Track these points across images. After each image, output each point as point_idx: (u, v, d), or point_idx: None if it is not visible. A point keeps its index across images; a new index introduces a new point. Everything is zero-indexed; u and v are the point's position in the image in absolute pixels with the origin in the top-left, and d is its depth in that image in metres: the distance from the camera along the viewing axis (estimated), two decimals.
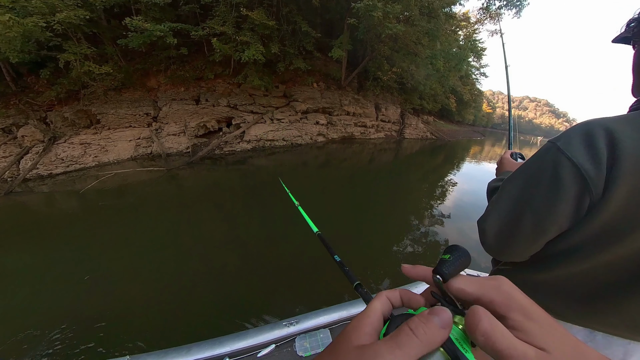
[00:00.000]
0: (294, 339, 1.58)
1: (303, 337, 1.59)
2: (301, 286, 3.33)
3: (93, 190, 6.63)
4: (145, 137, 10.45)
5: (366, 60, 12.76)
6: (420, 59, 12.27)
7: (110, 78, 9.75)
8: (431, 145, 19.15)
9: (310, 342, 1.55)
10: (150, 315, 2.74)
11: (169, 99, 11.02)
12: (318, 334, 1.60)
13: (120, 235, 4.38)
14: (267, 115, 11.01)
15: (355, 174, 9.17)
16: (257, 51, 8.69)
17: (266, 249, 4.08)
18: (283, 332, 1.59)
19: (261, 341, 1.53)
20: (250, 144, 10.45)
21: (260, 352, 1.49)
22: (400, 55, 12.10)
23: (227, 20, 8.93)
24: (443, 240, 4.75)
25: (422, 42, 11.14)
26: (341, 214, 5.54)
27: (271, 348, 1.51)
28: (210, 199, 6.26)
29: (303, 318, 1.68)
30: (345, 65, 12.88)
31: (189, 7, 9.46)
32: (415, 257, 4.23)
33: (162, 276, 3.38)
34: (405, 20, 10.47)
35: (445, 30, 11.93)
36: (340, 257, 0.97)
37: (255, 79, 9.89)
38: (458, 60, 13.19)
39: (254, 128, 10.57)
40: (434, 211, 6.19)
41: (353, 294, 2.41)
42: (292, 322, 1.64)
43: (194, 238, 4.37)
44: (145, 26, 8.08)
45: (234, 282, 3.33)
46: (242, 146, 10.26)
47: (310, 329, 1.63)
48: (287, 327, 1.61)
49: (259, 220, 5.10)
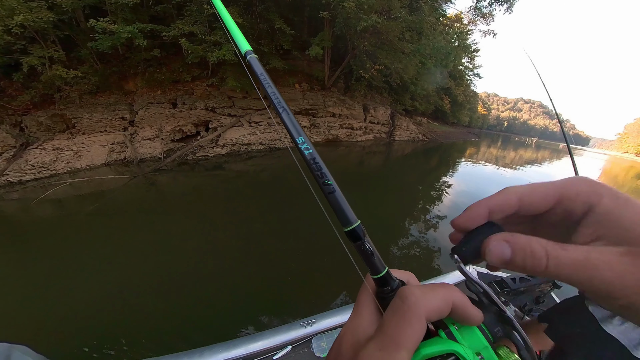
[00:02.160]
0: (311, 340, 1.54)
1: (320, 337, 1.55)
2: (317, 285, 3.36)
3: (53, 200, 6.26)
4: (119, 142, 10.11)
5: (348, 58, 12.31)
6: (403, 55, 11.82)
7: (84, 82, 9.48)
8: (423, 147, 18.87)
9: (328, 342, 1.52)
10: (161, 321, 2.76)
11: (145, 102, 10.67)
12: (335, 334, 1.56)
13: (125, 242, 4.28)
14: (244, 118, 10.62)
15: (345, 178, 8.88)
16: (228, 51, 8.34)
17: (278, 250, 4.11)
18: (300, 333, 1.55)
19: (277, 342, 1.50)
20: (225, 149, 10.01)
21: (277, 354, 1.45)
22: (383, 51, 11.69)
23: (198, 20, 8.59)
24: (443, 240, 4.77)
25: (405, 37, 10.70)
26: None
27: (287, 349, 1.47)
28: (197, 205, 6.02)
29: (320, 317, 1.65)
30: (328, 64, 12.50)
31: (162, 7, 9.14)
32: (413, 259, 4.19)
33: (165, 281, 3.35)
34: (385, 13, 10.05)
35: (429, 23, 11.38)
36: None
37: (231, 81, 9.54)
38: (444, 54, 12.49)
39: (229, 132, 10.16)
40: (429, 213, 6.18)
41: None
42: (309, 322, 1.61)
43: (203, 242, 4.36)
44: (111, 28, 7.76)
45: (247, 283, 3.36)
46: (217, 151, 9.82)
47: (327, 329, 1.59)
48: (304, 328, 1.58)
49: (273, 220, 5.12)
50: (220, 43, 8.56)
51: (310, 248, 4.22)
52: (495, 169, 14.68)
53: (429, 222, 5.83)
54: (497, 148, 31.93)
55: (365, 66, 11.90)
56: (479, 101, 69.50)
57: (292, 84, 12.00)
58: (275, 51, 10.38)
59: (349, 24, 9.23)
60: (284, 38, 10.08)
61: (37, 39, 8.49)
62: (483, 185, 10.14)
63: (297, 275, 3.58)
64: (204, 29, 8.56)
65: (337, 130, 13.79)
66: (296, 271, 3.68)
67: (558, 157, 34.48)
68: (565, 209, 0.24)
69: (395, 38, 10.44)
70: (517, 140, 74.61)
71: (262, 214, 5.55)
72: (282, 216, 5.44)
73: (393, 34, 10.20)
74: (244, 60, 0.41)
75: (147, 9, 9.53)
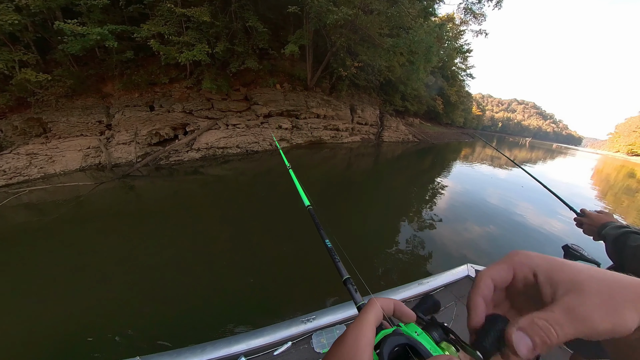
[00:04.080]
0: (311, 336, 1.57)
1: (320, 333, 1.58)
2: (317, 283, 3.36)
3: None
4: (94, 146, 9.87)
5: (328, 56, 11.97)
6: (383, 50, 11.50)
7: (59, 84, 9.30)
8: (414, 149, 18.62)
9: (327, 338, 1.55)
10: (165, 316, 2.78)
11: (122, 105, 10.45)
12: (335, 330, 1.60)
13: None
14: (222, 120, 10.36)
15: (330, 181, 8.77)
16: (200, 52, 8.13)
17: (267, 252, 4.13)
18: (300, 329, 1.58)
19: (277, 338, 1.52)
20: (199, 153, 9.69)
21: (277, 349, 1.47)
22: (363, 48, 11.43)
23: (169, 20, 8.38)
24: (440, 242, 4.87)
25: (385, 32, 10.40)
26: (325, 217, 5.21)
27: (288, 345, 1.50)
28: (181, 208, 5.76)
29: (320, 314, 1.67)
30: (310, 63, 12.23)
31: (134, 7, 8.94)
32: (411, 262, 4.20)
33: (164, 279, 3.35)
34: (363, 6, 9.75)
35: (410, 16, 11.01)
36: (333, 243, 0.91)
37: (206, 82, 9.31)
38: (426, 48, 11.88)
39: (205, 135, 9.86)
40: (425, 216, 6.21)
41: (371, 289, 2.25)
42: (309, 319, 1.63)
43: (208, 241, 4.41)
44: (78, 30, 7.55)
45: (247, 280, 3.38)
46: (191, 155, 9.50)
47: (327, 325, 1.62)
48: (304, 324, 1.60)
49: (257, 223, 5.10)
50: (190, 43, 8.35)
51: (300, 249, 4.20)
52: (492, 169, 14.57)
53: (420, 225, 5.77)
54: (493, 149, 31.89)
55: (345, 64, 11.60)
56: (473, 102, 69.93)
57: (273, 84, 11.74)
58: (252, 51, 10.13)
59: (321, 18, 8.96)
60: (259, 37, 9.83)
61: (6, 42, 8.31)
62: (479, 185, 10.04)
63: (286, 278, 3.57)
64: (174, 29, 8.34)
65: (320, 132, 13.46)
66: (285, 273, 3.67)
67: (552, 156, 34.59)
68: (522, 277, 0.31)
69: (376, 34, 10.16)
70: (511, 140, 75.11)
71: (246, 217, 5.44)
72: (266, 219, 5.34)
73: (373, 30, 9.95)
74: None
75: (120, 10, 9.32)
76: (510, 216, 6.88)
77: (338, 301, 1.85)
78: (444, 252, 4.59)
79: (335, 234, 4.14)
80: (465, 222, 6.16)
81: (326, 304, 3.03)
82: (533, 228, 6.27)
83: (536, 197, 9.23)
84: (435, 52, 12.31)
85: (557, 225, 6.70)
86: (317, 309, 1.72)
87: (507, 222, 6.47)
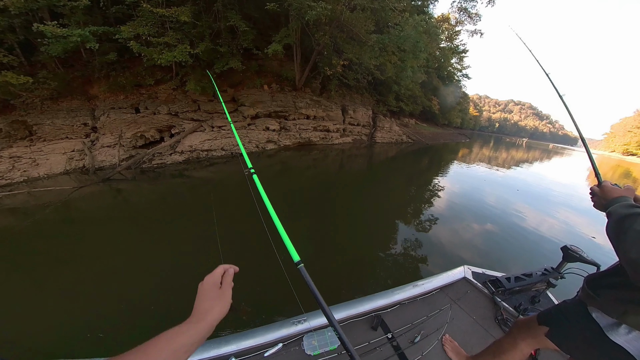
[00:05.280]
0: (302, 338, 1.55)
1: (311, 335, 1.56)
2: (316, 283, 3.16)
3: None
4: (78, 149, 9.75)
5: (314, 55, 11.67)
6: (368, 47, 11.15)
7: (43, 87, 9.19)
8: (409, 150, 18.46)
9: (319, 341, 1.54)
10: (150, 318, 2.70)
11: (107, 107, 10.30)
12: (326, 332, 1.59)
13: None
14: (207, 122, 10.22)
15: (319, 184, 8.67)
16: (181, 53, 8.01)
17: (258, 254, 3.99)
18: (291, 330, 1.56)
19: (268, 340, 1.50)
20: (182, 155, 9.49)
21: (267, 351, 1.45)
22: (349, 46, 11.14)
23: (151, 21, 8.26)
24: (438, 242, 4.85)
25: (370, 28, 10.15)
26: (315, 224, 5.29)
27: (278, 347, 1.48)
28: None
29: (311, 316, 1.65)
30: (298, 63, 11.99)
31: (116, 8, 8.82)
32: (407, 264, 4.16)
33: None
34: (347, 3, 9.47)
35: (396, 11, 10.73)
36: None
37: (190, 84, 9.19)
38: (413, 44, 11.40)
39: (190, 137, 9.65)
40: (418, 218, 6.17)
41: (365, 291, 2.47)
42: (300, 320, 1.61)
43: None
44: (57, 32, 7.43)
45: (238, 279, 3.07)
46: (174, 158, 9.31)
47: (318, 327, 1.61)
48: (295, 325, 1.58)
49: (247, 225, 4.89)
50: (170, 44, 8.22)
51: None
52: (488, 169, 14.48)
53: (420, 225, 5.75)
54: (489, 149, 31.91)
55: (331, 62, 11.41)
56: (470, 103, 70.07)
57: (261, 85, 11.56)
58: (236, 51, 9.95)
59: (301, 14, 8.76)
60: (244, 36, 9.63)
61: None
62: (474, 186, 9.90)
63: (278, 280, 3.43)
64: (155, 30, 8.21)
65: (309, 133, 13.25)
66: (277, 275, 3.52)
67: (549, 156, 34.65)
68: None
69: (362, 31, 9.94)
70: (508, 140, 75.27)
71: (235, 219, 5.31)
72: (257, 221, 5.15)
73: (359, 27, 9.75)
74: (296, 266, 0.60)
75: (102, 11, 9.19)
76: (507, 217, 6.80)
77: (329, 303, 1.74)
78: (440, 253, 4.55)
79: (324, 238, 4.11)
80: (462, 222, 6.14)
81: (317, 306, 2.89)
82: (530, 230, 6.18)
83: (535, 198, 9.22)
84: (422, 47, 11.92)
85: (556, 226, 6.67)
86: (308, 310, 1.65)
87: (504, 223, 6.37)
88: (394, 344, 1.65)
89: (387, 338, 1.68)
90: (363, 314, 1.79)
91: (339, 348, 1.54)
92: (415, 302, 1.98)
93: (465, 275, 2.29)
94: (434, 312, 1.92)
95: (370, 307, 1.82)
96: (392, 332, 1.72)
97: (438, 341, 1.72)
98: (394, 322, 1.79)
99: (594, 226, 7.01)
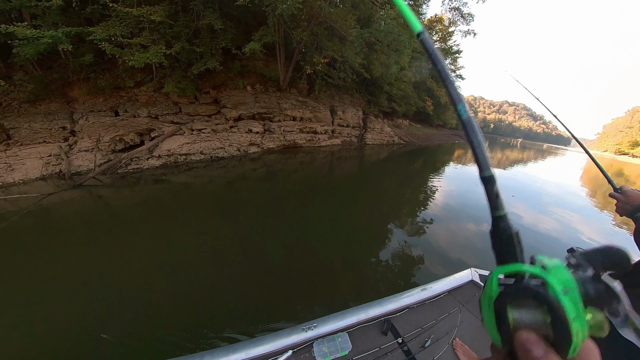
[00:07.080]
0: (312, 344, 1.54)
1: (321, 341, 1.55)
2: (317, 289, 3.29)
3: None
4: (55, 154, 9.49)
5: (296, 53, 11.34)
6: (349, 43, 10.79)
7: (19, 89, 8.94)
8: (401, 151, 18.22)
9: (329, 347, 1.51)
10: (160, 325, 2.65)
11: (86, 110, 10.04)
12: (336, 338, 1.58)
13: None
14: (187, 125, 9.98)
15: (311, 187, 8.52)
16: (156, 54, 7.79)
17: (276, 253, 4.08)
18: (301, 337, 1.54)
19: (278, 347, 1.48)
20: (160, 160, 9.18)
21: (277, 358, 1.42)
22: (331, 43, 10.86)
23: (125, 21, 8.04)
24: (437, 243, 4.85)
25: (350, 24, 9.89)
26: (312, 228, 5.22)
27: (288, 354, 1.44)
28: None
29: (321, 322, 1.64)
30: (281, 63, 11.67)
31: (91, 8, 8.60)
32: (406, 267, 4.10)
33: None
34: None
35: (375, 4, 10.53)
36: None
37: (169, 86, 8.97)
38: (393, 38, 10.83)
39: (168, 141, 9.32)
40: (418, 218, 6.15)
41: (370, 297, 2.30)
42: (310, 327, 1.60)
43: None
44: (27, 33, 7.20)
45: (246, 287, 3.27)
46: (151, 163, 9.01)
47: (328, 333, 1.60)
48: (305, 332, 1.57)
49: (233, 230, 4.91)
50: (143, 44, 7.99)
51: (292, 256, 4.08)
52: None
53: (421, 227, 5.70)
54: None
55: (313, 60, 11.15)
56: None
57: (243, 86, 11.26)
58: (215, 51, 9.66)
59: (273, 9, 8.48)
60: (222, 35, 9.33)
61: None
62: (469, 188, 9.79)
63: (281, 286, 3.40)
64: (128, 30, 7.98)
65: (294, 135, 12.90)
66: (279, 280, 3.50)
67: (543, 156, 34.80)
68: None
69: (343, 26, 9.70)
70: (503, 141, 75.85)
71: (221, 225, 5.21)
72: (249, 226, 5.16)
73: (341, 22, 9.51)
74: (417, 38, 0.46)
75: (76, 12, 8.96)
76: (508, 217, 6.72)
77: (340, 308, 1.76)
78: (445, 256, 4.52)
79: (324, 241, 3.94)
80: (462, 223, 6.13)
81: (328, 311, 2.88)
82: (533, 230, 6.17)
83: (533, 200, 9.15)
84: (406, 42, 11.53)
85: (556, 228, 6.66)
86: (318, 316, 1.65)
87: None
88: (405, 349, 1.65)
89: (398, 343, 1.69)
90: (373, 318, 1.79)
91: (349, 354, 1.53)
92: (424, 306, 1.99)
93: (472, 278, 2.28)
94: (443, 315, 1.92)
95: (380, 312, 1.83)
96: (402, 336, 1.73)
97: (449, 345, 1.72)
98: (404, 327, 1.80)
99: (594, 226, 7.21)
